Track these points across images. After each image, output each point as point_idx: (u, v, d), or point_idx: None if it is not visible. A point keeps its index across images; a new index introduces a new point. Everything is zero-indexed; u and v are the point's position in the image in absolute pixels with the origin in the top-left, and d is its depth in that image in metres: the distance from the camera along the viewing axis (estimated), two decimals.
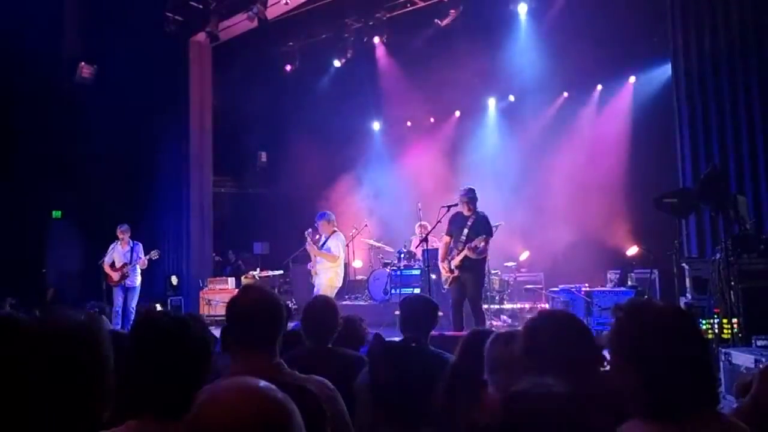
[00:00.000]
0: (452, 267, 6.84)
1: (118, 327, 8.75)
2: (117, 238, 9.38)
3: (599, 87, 11.61)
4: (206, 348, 1.74)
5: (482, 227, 6.82)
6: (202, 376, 1.70)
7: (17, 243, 10.51)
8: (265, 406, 1.11)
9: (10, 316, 1.32)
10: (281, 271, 11.86)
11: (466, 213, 6.96)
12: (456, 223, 7.06)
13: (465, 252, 6.71)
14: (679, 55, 7.52)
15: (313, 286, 7.91)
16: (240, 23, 11.05)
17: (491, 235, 6.84)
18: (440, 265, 7.15)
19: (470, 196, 6.95)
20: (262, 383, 1.16)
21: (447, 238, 7.16)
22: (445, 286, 7.03)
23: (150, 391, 1.64)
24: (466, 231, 6.85)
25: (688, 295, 6.25)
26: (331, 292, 7.87)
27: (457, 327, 6.74)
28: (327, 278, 7.74)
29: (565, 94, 11.90)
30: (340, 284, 8.09)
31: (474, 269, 6.82)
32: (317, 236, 7.87)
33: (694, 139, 7.37)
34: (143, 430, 1.61)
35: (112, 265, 9.29)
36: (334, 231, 7.86)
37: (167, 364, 1.65)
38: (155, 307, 9.19)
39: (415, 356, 1.92)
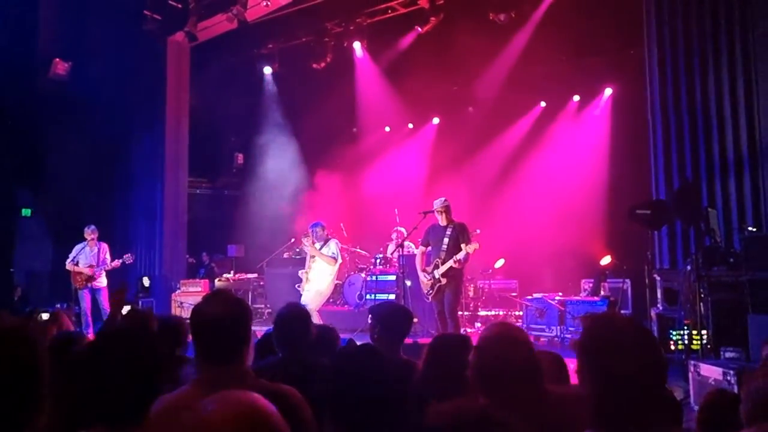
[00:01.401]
0: (437, 276, 6.83)
1: (88, 329, 8.60)
2: (85, 239, 9.22)
3: (576, 97, 11.75)
4: (163, 357, 1.70)
5: (462, 236, 6.83)
6: (158, 385, 1.65)
7: None
8: (257, 419, 1.10)
9: None
10: (255, 275, 11.76)
11: (443, 223, 6.97)
12: (434, 233, 7.05)
13: (450, 263, 6.71)
14: (654, 67, 7.63)
15: (297, 292, 7.87)
16: (219, 24, 10.94)
17: (469, 241, 6.85)
18: (420, 274, 7.13)
19: (446, 206, 6.97)
20: (257, 397, 1.15)
21: (423, 248, 7.16)
22: (428, 298, 7.01)
23: (103, 401, 1.59)
24: (446, 240, 6.85)
25: (659, 306, 6.33)
26: (321, 300, 7.85)
27: None
28: (323, 284, 7.80)
29: (543, 103, 12.02)
30: (330, 292, 8.19)
31: (455, 278, 6.83)
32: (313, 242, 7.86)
33: (668, 152, 7.47)
34: None
35: (77, 265, 9.12)
36: (329, 238, 7.91)
37: (122, 373, 1.60)
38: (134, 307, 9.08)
39: (376, 361, 1.89)
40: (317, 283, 7.79)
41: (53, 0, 10.96)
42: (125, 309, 9.09)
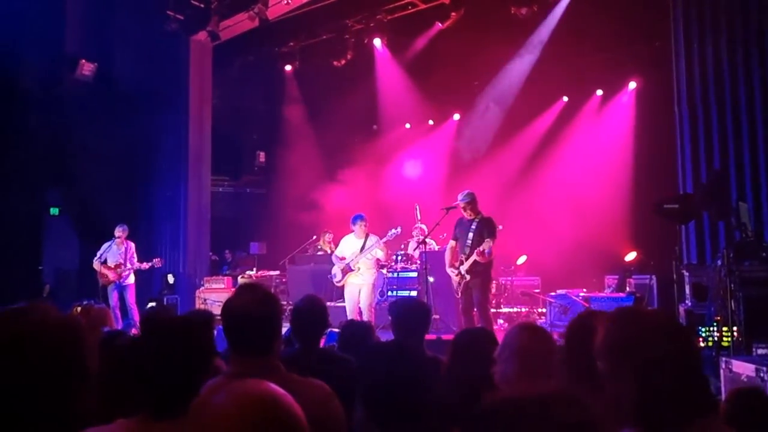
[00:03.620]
0: (462, 272, 6.78)
1: (117, 326, 8.75)
2: (113, 237, 9.41)
3: (599, 92, 11.61)
4: (209, 351, 1.72)
5: (487, 229, 6.76)
6: (202, 377, 1.67)
7: (14, 239, 10.44)
8: (268, 408, 1.10)
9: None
10: (278, 272, 11.82)
11: (468, 217, 6.91)
12: (460, 227, 7.01)
13: (474, 257, 6.66)
14: (681, 59, 7.50)
15: (319, 288, 7.89)
16: (241, 23, 11.01)
17: (494, 236, 6.77)
18: (448, 271, 7.08)
19: (469, 200, 6.89)
20: (269, 386, 1.15)
21: (453, 243, 7.09)
22: (458, 294, 6.97)
23: (149, 390, 1.62)
24: (471, 235, 6.79)
25: (688, 302, 6.22)
26: (375, 294, 7.85)
27: None
28: (372, 276, 7.77)
29: (565, 98, 11.90)
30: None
31: (481, 274, 6.75)
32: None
33: (695, 144, 7.34)
34: (135, 428, 1.57)
35: (105, 263, 9.33)
36: (368, 233, 7.85)
37: (169, 363, 1.63)
38: (160, 303, 9.26)
39: (406, 356, 1.89)
40: (367, 276, 7.72)
41: (79, 2, 11.10)
42: (150, 305, 9.29)
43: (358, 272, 7.69)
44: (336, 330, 4.17)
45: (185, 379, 1.62)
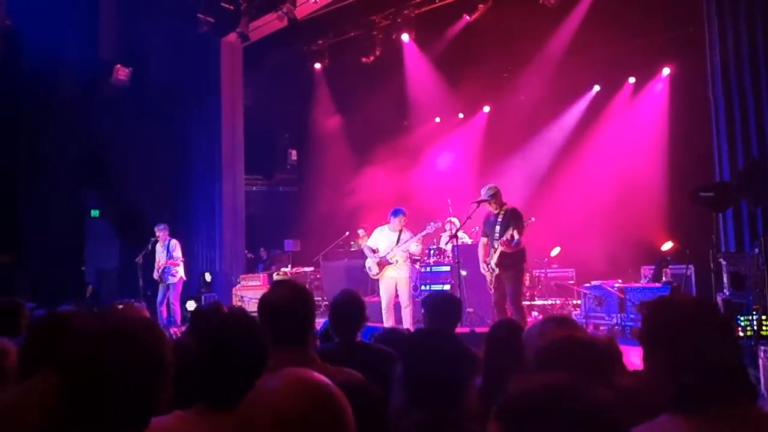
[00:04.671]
0: (492, 266, 6.79)
1: (162, 322, 9.05)
2: (154, 237, 9.66)
3: (631, 79, 11.42)
4: (264, 345, 1.80)
5: (512, 220, 6.74)
6: (258, 371, 1.75)
7: (57, 242, 10.81)
8: (319, 396, 1.15)
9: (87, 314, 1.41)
10: (312, 268, 11.96)
11: (494, 210, 6.91)
12: (487, 222, 7.02)
13: (500, 248, 6.66)
14: (715, 44, 7.33)
15: (352, 283, 7.91)
16: (270, 23, 11.15)
17: (521, 225, 6.74)
18: (481, 266, 7.09)
19: (491, 194, 6.89)
20: (317, 375, 1.19)
21: (484, 239, 7.09)
22: (491, 288, 6.98)
23: (207, 383, 1.71)
24: (497, 228, 6.79)
25: (726, 291, 6.11)
26: (410, 284, 7.87)
27: None
28: (408, 269, 7.76)
29: (597, 87, 11.74)
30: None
31: (512, 267, 6.73)
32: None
33: (731, 131, 7.17)
34: (193, 420, 1.66)
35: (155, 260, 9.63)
36: (403, 228, 7.79)
37: (229, 358, 1.72)
38: (207, 302, 9.48)
39: (445, 342, 1.96)
40: (402, 270, 7.69)
41: (112, 8, 11.40)
42: (190, 304, 9.51)
43: (396, 265, 7.69)
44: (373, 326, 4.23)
45: (245, 373, 1.70)
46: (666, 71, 10.99)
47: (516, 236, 6.58)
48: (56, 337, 2.23)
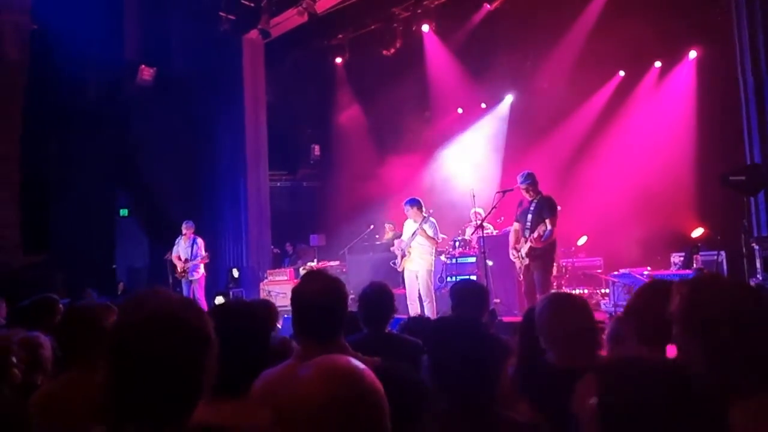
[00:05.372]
0: (522, 255, 6.75)
1: None
2: (182, 234, 9.81)
3: (657, 63, 11.22)
4: (265, 331, 1.82)
5: (545, 210, 6.66)
6: (261, 358, 1.77)
7: (88, 241, 11.04)
8: (353, 381, 1.16)
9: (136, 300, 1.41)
10: (337, 262, 12.01)
11: (529, 198, 6.85)
12: (521, 209, 6.96)
13: (529, 243, 6.60)
14: (744, 25, 7.17)
15: (378, 276, 7.87)
16: (291, 19, 11.18)
17: (554, 216, 6.65)
18: (510, 252, 7.05)
19: (529, 182, 6.80)
20: (350, 360, 1.20)
21: (516, 225, 7.02)
22: (520, 276, 6.94)
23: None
24: (530, 217, 6.72)
25: (759, 276, 6.00)
26: (431, 276, 7.83)
27: None
28: (427, 263, 7.67)
29: (622, 72, 11.55)
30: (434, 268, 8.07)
31: (541, 257, 6.66)
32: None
33: (762, 113, 7.02)
34: (204, 406, 1.69)
35: (178, 257, 9.76)
36: (425, 216, 7.73)
37: (229, 344, 1.73)
38: (228, 297, 9.61)
39: (469, 327, 1.97)
40: (420, 263, 7.65)
41: (136, 9, 11.55)
42: (219, 300, 9.63)
43: (410, 258, 7.69)
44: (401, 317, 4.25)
45: (246, 359, 1.72)
46: (693, 54, 10.77)
47: (548, 228, 6.50)
48: (79, 330, 2.29)
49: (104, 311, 2.32)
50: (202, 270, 9.81)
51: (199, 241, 9.83)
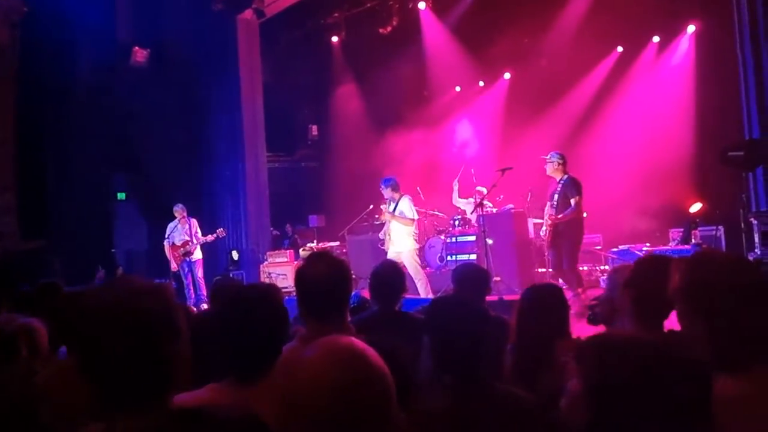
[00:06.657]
0: (542, 232, 6.88)
1: (191, 301, 9.22)
2: (176, 217, 9.82)
3: (655, 38, 11.14)
4: (284, 316, 1.83)
5: (570, 190, 6.71)
6: (280, 343, 1.78)
7: (86, 225, 11.02)
8: (356, 362, 1.15)
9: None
10: (337, 242, 12.02)
11: (556, 177, 6.88)
12: (549, 188, 7.02)
13: (549, 220, 6.70)
14: None
15: (379, 256, 7.92)
16: None
17: (579, 195, 6.69)
18: (542, 230, 7.23)
19: (558, 157, 6.84)
20: (353, 341, 1.20)
21: (547, 206, 7.10)
22: (546, 252, 7.07)
23: (232, 357, 1.74)
24: (556, 197, 6.78)
25: (757, 251, 6.03)
26: (417, 259, 7.87)
27: None
28: (408, 243, 7.74)
29: (620, 48, 11.47)
30: (416, 247, 8.12)
31: (564, 235, 6.71)
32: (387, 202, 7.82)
33: (761, 87, 6.98)
34: (224, 392, 1.71)
35: (173, 244, 9.76)
36: (401, 195, 7.78)
37: (248, 331, 1.74)
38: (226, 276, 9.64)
39: (465, 306, 1.99)
40: (401, 244, 7.71)
41: None
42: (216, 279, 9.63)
43: (391, 240, 7.75)
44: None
45: (266, 345, 1.74)
46: (691, 28, 10.69)
47: (572, 206, 6.54)
48: (66, 315, 2.30)
49: None
50: (200, 252, 9.84)
51: (193, 221, 9.87)
